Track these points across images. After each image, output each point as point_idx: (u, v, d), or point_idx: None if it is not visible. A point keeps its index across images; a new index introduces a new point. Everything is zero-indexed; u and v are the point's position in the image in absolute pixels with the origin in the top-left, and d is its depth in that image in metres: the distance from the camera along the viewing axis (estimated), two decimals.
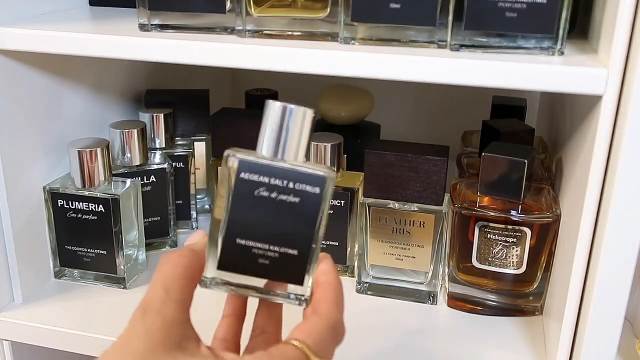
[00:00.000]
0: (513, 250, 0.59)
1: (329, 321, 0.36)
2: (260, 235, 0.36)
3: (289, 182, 0.35)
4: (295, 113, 0.36)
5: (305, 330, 0.35)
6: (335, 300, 0.37)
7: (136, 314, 0.33)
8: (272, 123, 0.36)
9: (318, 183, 0.35)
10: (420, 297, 0.64)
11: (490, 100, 0.77)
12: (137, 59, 0.51)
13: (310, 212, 0.36)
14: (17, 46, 0.54)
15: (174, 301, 0.33)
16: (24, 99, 0.60)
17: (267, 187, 0.35)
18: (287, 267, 0.36)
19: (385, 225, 0.62)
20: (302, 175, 0.35)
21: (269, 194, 0.35)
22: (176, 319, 0.33)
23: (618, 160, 0.42)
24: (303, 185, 0.35)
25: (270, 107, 0.36)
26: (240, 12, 0.50)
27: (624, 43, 0.41)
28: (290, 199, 0.35)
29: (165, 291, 0.34)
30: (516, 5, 0.45)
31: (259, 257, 0.36)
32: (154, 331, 0.32)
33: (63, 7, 0.66)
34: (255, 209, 0.35)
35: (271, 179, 0.35)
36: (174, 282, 0.34)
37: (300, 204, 0.35)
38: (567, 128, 0.60)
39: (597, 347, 0.47)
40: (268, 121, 0.36)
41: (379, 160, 0.60)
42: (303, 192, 0.35)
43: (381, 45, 0.48)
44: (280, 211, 0.35)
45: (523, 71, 0.44)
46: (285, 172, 0.35)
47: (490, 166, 0.59)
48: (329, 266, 0.38)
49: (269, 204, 0.35)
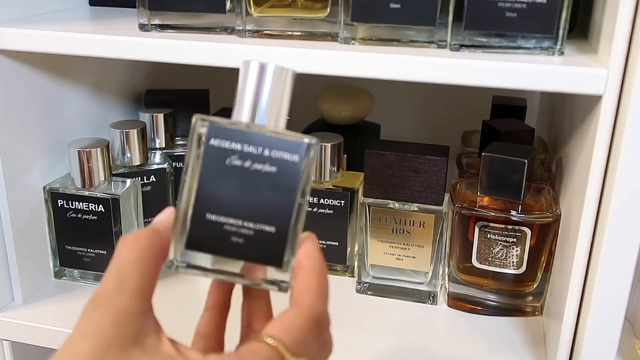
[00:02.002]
0: (513, 250, 0.59)
1: (310, 314, 0.31)
2: (233, 210, 0.32)
3: (264, 150, 0.31)
4: (275, 72, 0.32)
5: (281, 324, 0.31)
6: (319, 289, 0.32)
7: (86, 309, 0.29)
8: (249, 84, 0.32)
9: (297, 150, 0.32)
10: (420, 297, 0.64)
11: (490, 100, 0.77)
12: (137, 59, 0.51)
13: (289, 183, 0.32)
14: (17, 46, 0.54)
15: (128, 290, 0.29)
16: (24, 99, 0.60)
17: (240, 155, 0.32)
18: (264, 247, 0.32)
19: (385, 225, 0.62)
20: (279, 141, 0.32)
21: (242, 163, 0.32)
22: (131, 311, 0.29)
23: (618, 160, 0.42)
24: (280, 153, 0.32)
25: (247, 66, 0.32)
26: (240, 12, 0.50)
27: (624, 43, 0.41)
28: (266, 168, 0.32)
29: (118, 279, 0.29)
30: (516, 5, 0.45)
31: (232, 234, 0.32)
32: (104, 327, 0.28)
33: (63, 7, 0.66)
34: (227, 180, 0.32)
35: (244, 145, 0.31)
36: (129, 267, 0.30)
37: (277, 174, 0.32)
38: (567, 128, 0.60)
39: (597, 347, 0.47)
40: (244, 82, 0.32)
41: (379, 160, 0.60)
42: (280, 160, 0.32)
43: (381, 45, 0.48)
44: (255, 182, 0.32)
45: (523, 71, 0.44)
46: (260, 138, 0.32)
47: (490, 166, 0.59)
48: (312, 249, 0.33)
49: (243, 174, 0.32)
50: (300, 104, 0.35)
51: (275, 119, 0.33)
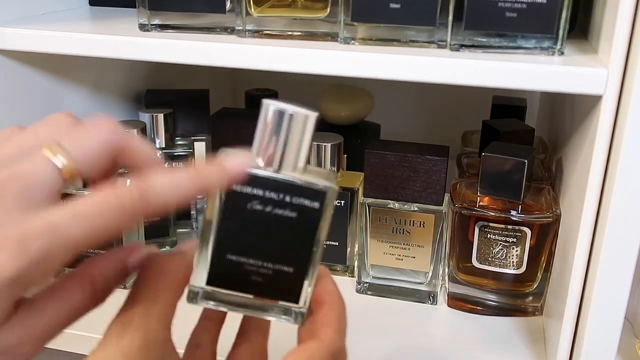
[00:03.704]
0: (513, 250, 0.59)
1: (330, 348, 0.32)
2: (254, 252, 0.33)
3: (285, 196, 0.32)
4: (296, 118, 0.32)
5: (303, 356, 0.31)
6: (339, 325, 0.34)
7: (112, 330, 0.29)
8: (269, 128, 0.32)
9: (317, 197, 0.32)
10: (420, 297, 0.64)
11: (490, 100, 0.77)
12: (137, 59, 0.51)
13: (309, 228, 0.32)
14: (17, 46, 0.54)
15: (157, 317, 0.29)
16: (24, 99, 0.60)
17: (261, 200, 0.32)
18: (282, 285, 0.33)
19: (385, 225, 0.62)
20: (300, 188, 0.32)
21: (263, 208, 0.32)
22: (159, 338, 0.29)
23: (618, 160, 0.42)
24: (301, 200, 0.32)
25: (267, 109, 0.32)
26: (240, 12, 0.50)
27: (624, 43, 0.41)
28: (286, 214, 0.32)
29: (147, 304, 0.29)
30: (516, 5, 0.45)
31: (252, 273, 0.33)
32: (132, 352, 0.28)
33: (63, 7, 0.66)
34: (248, 223, 0.32)
35: (266, 192, 0.32)
36: (158, 293, 0.30)
37: (297, 219, 0.32)
38: (567, 128, 0.60)
39: (597, 347, 0.47)
40: (264, 126, 0.32)
41: (379, 160, 0.60)
42: (301, 206, 0.32)
43: (381, 45, 0.48)
44: (275, 226, 0.32)
45: (523, 71, 0.44)
46: (281, 185, 0.32)
47: (490, 166, 0.59)
48: (333, 286, 0.34)
49: (263, 218, 0.32)
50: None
51: (294, 162, 0.32)
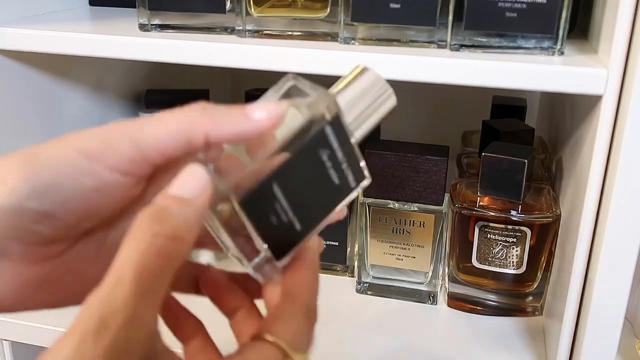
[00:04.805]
0: (513, 250, 0.59)
1: (305, 309, 0.31)
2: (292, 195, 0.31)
3: (344, 163, 0.31)
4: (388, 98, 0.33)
5: (279, 320, 0.30)
6: (313, 284, 0.32)
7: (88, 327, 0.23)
8: (366, 94, 0.32)
9: (359, 179, 0.32)
10: (420, 297, 0.64)
11: (490, 100, 0.77)
12: (137, 59, 0.51)
13: (336, 199, 0.32)
14: (17, 46, 0.54)
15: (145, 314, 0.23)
16: (24, 99, 0.60)
17: (331, 154, 0.31)
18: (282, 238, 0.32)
19: (385, 225, 0.62)
20: (357, 164, 0.32)
21: (326, 160, 0.31)
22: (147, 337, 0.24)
23: (618, 160, 0.42)
24: (350, 173, 0.32)
25: (372, 78, 0.33)
26: (240, 12, 0.50)
27: (624, 43, 0.41)
28: (334, 177, 0.32)
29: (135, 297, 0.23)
30: (516, 5, 0.45)
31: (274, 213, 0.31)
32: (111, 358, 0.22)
33: (63, 7, 0.66)
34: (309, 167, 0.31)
35: (339, 149, 0.31)
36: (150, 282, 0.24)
37: (335, 187, 0.32)
38: (567, 128, 0.60)
39: (597, 347, 0.47)
40: (367, 92, 0.33)
41: (379, 160, 0.60)
42: (345, 179, 0.32)
43: (381, 45, 0.48)
44: (319, 183, 0.31)
45: (523, 71, 0.44)
46: (351, 153, 0.31)
47: (490, 166, 0.59)
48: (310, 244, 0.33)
49: (320, 170, 0.31)
50: None
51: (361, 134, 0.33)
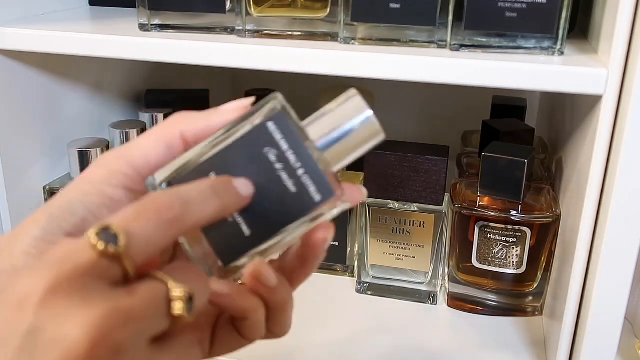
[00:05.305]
0: (513, 250, 0.59)
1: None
2: None
3: (300, 168, 0.30)
4: (369, 126, 0.31)
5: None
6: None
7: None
8: (341, 114, 0.31)
9: (325, 195, 0.30)
10: (420, 297, 0.64)
11: (490, 100, 0.77)
12: (137, 59, 0.51)
13: (294, 212, 0.30)
14: (17, 46, 0.54)
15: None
16: (24, 99, 0.60)
17: (279, 154, 0.30)
18: (229, 240, 0.31)
19: (385, 225, 0.62)
20: (318, 174, 0.30)
21: (275, 162, 0.30)
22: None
23: (618, 160, 0.42)
24: (309, 183, 0.30)
25: (351, 99, 0.31)
26: (240, 12, 0.50)
27: (624, 43, 0.41)
28: (288, 183, 0.30)
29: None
30: (516, 5, 0.45)
31: None
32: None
33: (63, 7, 0.66)
34: (251, 163, 0.30)
35: (289, 151, 0.30)
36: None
37: (292, 197, 0.30)
38: (567, 128, 0.60)
39: (597, 347, 0.47)
40: (339, 108, 0.31)
41: (379, 160, 0.60)
42: (304, 188, 0.30)
43: (381, 45, 0.48)
44: (268, 185, 0.30)
45: (523, 71, 0.44)
46: (307, 158, 0.30)
47: (490, 166, 0.59)
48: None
49: (266, 170, 0.30)
50: (300, 104, 0.35)
51: (336, 158, 0.31)
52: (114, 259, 0.24)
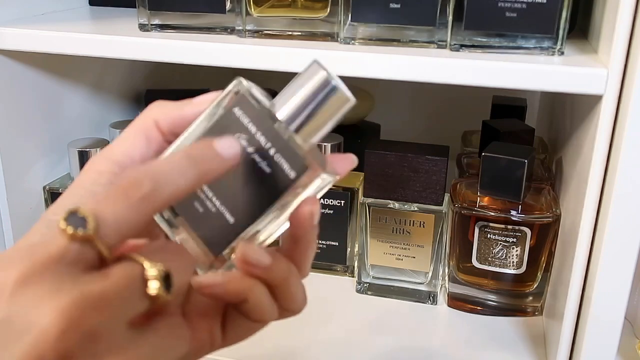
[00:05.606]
0: (513, 250, 0.59)
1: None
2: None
3: (271, 149, 0.30)
4: (336, 96, 0.30)
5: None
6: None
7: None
8: (304, 87, 0.30)
9: (297, 168, 0.30)
10: (420, 297, 0.64)
11: (490, 100, 0.77)
12: (137, 59, 0.51)
13: (273, 192, 0.30)
14: (17, 46, 0.54)
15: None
16: (24, 99, 0.60)
17: (249, 138, 0.30)
18: (216, 229, 0.31)
19: (385, 225, 0.62)
20: (289, 151, 0.30)
21: (247, 146, 0.30)
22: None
23: (618, 160, 0.42)
24: (282, 161, 0.30)
25: (312, 71, 0.30)
26: (240, 12, 0.50)
27: (624, 43, 0.41)
28: (262, 165, 0.30)
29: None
30: (516, 5, 0.45)
31: (197, 200, 0.31)
32: None
33: (63, 7, 0.66)
34: None
35: (258, 133, 0.30)
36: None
37: (268, 177, 0.30)
38: (567, 128, 0.60)
39: (597, 347, 0.47)
40: (302, 82, 0.31)
41: (379, 160, 0.60)
42: (278, 167, 0.30)
43: (381, 45, 0.48)
44: (244, 170, 0.30)
45: (523, 71, 0.44)
46: (275, 136, 0.30)
47: (490, 166, 0.59)
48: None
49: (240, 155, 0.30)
50: None
51: (308, 132, 0.31)
52: (85, 242, 0.24)
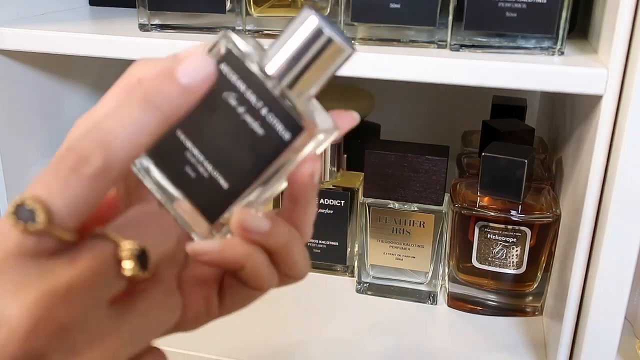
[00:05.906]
0: (513, 250, 0.59)
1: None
2: (202, 143, 0.28)
3: (263, 108, 0.28)
4: (331, 45, 0.27)
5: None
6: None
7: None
8: (295, 38, 0.27)
9: (293, 131, 0.28)
10: (420, 297, 0.64)
11: (490, 100, 0.77)
12: (137, 59, 0.51)
13: (267, 154, 0.28)
14: (17, 46, 0.54)
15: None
16: (24, 99, 0.60)
17: (238, 97, 0.28)
18: (209, 196, 0.29)
19: (385, 225, 0.62)
20: (282, 110, 0.28)
21: (237, 105, 0.28)
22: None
23: (618, 160, 0.42)
24: (276, 122, 0.28)
25: (305, 18, 0.27)
26: (240, 12, 0.50)
27: (624, 43, 0.41)
28: (254, 126, 0.28)
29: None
30: (516, 5, 0.45)
31: (189, 165, 0.29)
32: None
33: (63, 7, 0.66)
34: (213, 111, 0.28)
35: (248, 91, 0.28)
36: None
37: (261, 139, 0.28)
38: (567, 128, 0.60)
39: (597, 347, 0.47)
40: (293, 32, 0.28)
41: (379, 160, 0.60)
42: (271, 128, 0.28)
43: (381, 45, 0.48)
44: (236, 132, 0.28)
45: (523, 71, 0.44)
46: (266, 95, 0.28)
47: (490, 166, 0.59)
48: None
49: (230, 116, 0.28)
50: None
51: (303, 86, 0.28)
52: (41, 234, 0.22)
